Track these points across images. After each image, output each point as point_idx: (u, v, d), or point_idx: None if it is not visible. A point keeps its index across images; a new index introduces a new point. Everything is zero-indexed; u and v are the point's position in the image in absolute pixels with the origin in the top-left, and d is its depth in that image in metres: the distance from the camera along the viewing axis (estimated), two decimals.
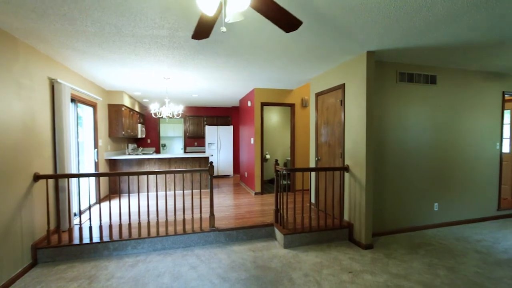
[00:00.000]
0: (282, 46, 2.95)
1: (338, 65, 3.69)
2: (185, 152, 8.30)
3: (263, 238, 3.49)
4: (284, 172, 3.45)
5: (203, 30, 1.87)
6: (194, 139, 8.49)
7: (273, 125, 7.15)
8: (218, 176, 7.92)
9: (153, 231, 3.24)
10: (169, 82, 4.65)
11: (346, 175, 3.56)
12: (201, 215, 3.34)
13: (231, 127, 7.98)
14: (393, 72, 3.64)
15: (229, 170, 8.00)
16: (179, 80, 4.52)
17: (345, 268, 2.71)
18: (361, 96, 3.25)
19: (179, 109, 4.63)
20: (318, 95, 4.29)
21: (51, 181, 3.21)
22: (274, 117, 7.19)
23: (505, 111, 4.47)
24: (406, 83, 3.71)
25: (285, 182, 6.51)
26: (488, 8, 2.09)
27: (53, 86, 3.28)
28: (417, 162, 3.81)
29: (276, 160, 3.63)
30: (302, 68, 3.90)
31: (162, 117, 5.65)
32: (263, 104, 5.43)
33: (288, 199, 3.58)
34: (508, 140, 5.18)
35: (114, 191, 5.48)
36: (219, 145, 7.88)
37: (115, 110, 5.57)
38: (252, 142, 5.59)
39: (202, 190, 5.30)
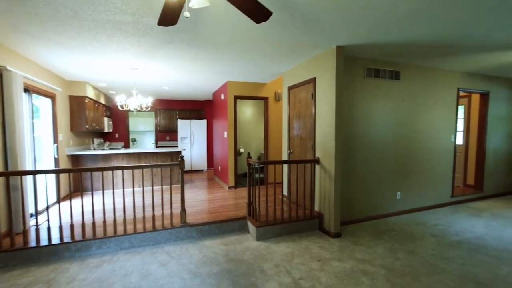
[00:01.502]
0: (255, 38, 2.92)
1: (309, 58, 3.75)
2: (156, 146, 8.00)
3: (236, 232, 3.50)
4: (257, 166, 3.45)
5: (169, 16, 1.78)
6: (166, 133, 8.21)
7: (246, 119, 7.13)
8: (192, 171, 7.76)
9: (120, 229, 3.09)
10: (137, 73, 4.41)
11: (317, 167, 3.65)
12: (171, 211, 3.26)
13: (204, 121, 7.83)
14: (361, 67, 3.77)
15: (203, 165, 7.88)
16: (147, 70, 4.31)
17: (314, 257, 2.81)
18: (331, 90, 3.33)
19: (148, 101, 4.42)
20: (290, 88, 4.33)
21: (1, 180, 2.92)
22: (247, 111, 7.17)
23: (459, 107, 4.86)
24: (373, 78, 3.87)
25: (258, 176, 6.57)
26: (442, 12, 2.23)
27: (1, 74, 2.96)
28: (382, 154, 4.02)
29: (249, 154, 3.63)
30: (275, 62, 3.90)
31: (130, 110, 5.35)
32: (236, 98, 5.37)
33: (261, 192, 3.60)
34: (461, 133, 5.65)
35: (77, 189, 5.13)
36: (192, 139, 7.70)
37: (77, 102, 5.18)
38: (225, 135, 5.53)
39: (173, 186, 5.15)
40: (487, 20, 2.46)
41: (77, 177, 5.13)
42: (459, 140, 5.55)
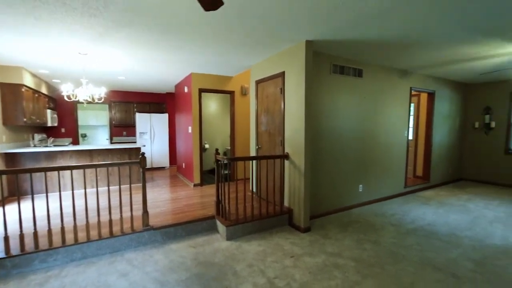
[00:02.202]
0: (222, 28, 2.73)
1: (278, 52, 3.68)
2: (111, 142, 7.30)
3: (204, 232, 3.32)
4: (226, 162, 3.30)
5: None
6: (123, 128, 7.53)
7: (211, 113, 6.88)
8: (153, 169, 7.26)
9: (69, 237, 2.70)
10: (87, 59, 3.88)
11: (286, 162, 3.64)
12: (132, 214, 2.95)
13: (165, 115, 7.35)
14: (327, 63, 3.82)
15: (165, 162, 7.42)
16: (100, 57, 3.82)
17: (287, 253, 2.78)
18: (300, 85, 3.31)
19: (101, 91, 3.93)
20: (258, 82, 4.23)
21: None
22: (212, 105, 6.92)
23: (411, 104, 5.28)
24: (338, 75, 3.96)
25: (225, 172, 6.40)
26: (406, 11, 2.32)
27: None
28: (346, 148, 4.17)
29: (217, 150, 3.45)
30: (243, 54, 3.76)
31: (79, 101, 4.72)
32: (201, 91, 5.11)
33: (229, 189, 3.45)
34: (411, 128, 6.18)
35: (13, 193, 4.41)
36: (152, 134, 7.18)
37: (11, 91, 4.41)
38: (190, 131, 5.23)
39: (132, 185, 4.68)
40: (446, 20, 2.64)
41: (12, 179, 4.39)
42: (410, 135, 6.06)
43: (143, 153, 2.97)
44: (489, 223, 3.68)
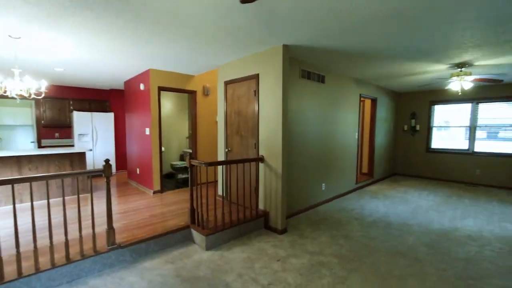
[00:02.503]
0: (198, 22, 2.53)
1: (252, 54, 3.63)
2: (40, 146, 6.06)
3: (179, 245, 3.04)
4: (203, 165, 3.09)
5: None
6: (55, 128, 6.34)
7: (166, 114, 6.38)
8: (96, 175, 6.32)
9: (9, 271, 2.12)
10: (20, 45, 3.13)
11: (261, 165, 3.61)
12: (94, 231, 2.49)
13: (111, 115, 6.50)
14: (297, 68, 3.95)
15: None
16: (39, 43, 3.12)
17: (272, 257, 2.76)
18: (277, 88, 3.34)
19: (42, 85, 3.16)
20: (228, 83, 4.10)
21: None
22: (167, 105, 6.42)
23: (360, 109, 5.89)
24: (305, 80, 4.13)
25: (183, 176, 6.03)
26: (372, 28, 2.57)
27: None
28: (311, 150, 4.38)
29: (190, 154, 3.21)
30: (213, 53, 3.57)
31: (9, 96, 3.74)
32: (160, 89, 4.68)
33: (201, 195, 3.24)
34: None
35: None
36: (95, 136, 6.25)
37: None
38: (148, 132, 4.74)
39: (81, 196, 3.93)
40: (401, 39, 3.01)
41: None
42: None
43: (108, 160, 2.54)
44: (426, 211, 4.36)
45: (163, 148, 6.10)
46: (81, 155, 4.49)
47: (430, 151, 7.11)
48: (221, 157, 4.36)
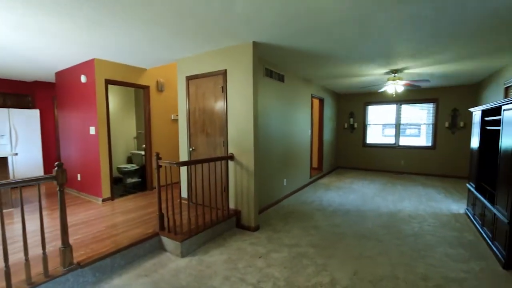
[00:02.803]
0: (162, 7, 2.30)
1: (219, 49, 3.51)
2: None
3: (149, 255, 2.73)
4: (175, 165, 2.84)
5: None
6: None
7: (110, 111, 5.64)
8: (16, 185, 5.14)
9: None
10: None
11: (231, 163, 3.53)
12: (44, 251, 2.03)
13: (35, 112, 5.39)
14: (261, 66, 4.00)
15: (37, 174, 5.42)
16: None
17: (253, 255, 2.73)
18: (247, 84, 3.31)
19: None
20: (190, 79, 3.87)
21: None
22: (110, 101, 5.67)
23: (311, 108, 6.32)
24: (268, 78, 4.21)
25: (132, 181, 5.46)
26: (335, 31, 2.80)
27: None
28: (274, 147, 4.50)
29: (158, 154, 2.91)
30: (176, 44, 3.31)
31: None
32: (108, 82, 4.11)
33: (152, 199, 2.99)
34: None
35: None
36: (14, 137, 5.08)
37: None
38: (93, 132, 4.09)
39: (7, 211, 3.09)
40: (357, 45, 3.35)
41: None
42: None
43: (60, 164, 2.10)
44: (372, 198, 4.96)
45: None
46: (1, 161, 3.59)
47: (365, 146, 8.11)
48: (183, 157, 4.08)
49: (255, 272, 2.40)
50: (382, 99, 7.67)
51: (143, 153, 5.40)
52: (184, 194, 4.07)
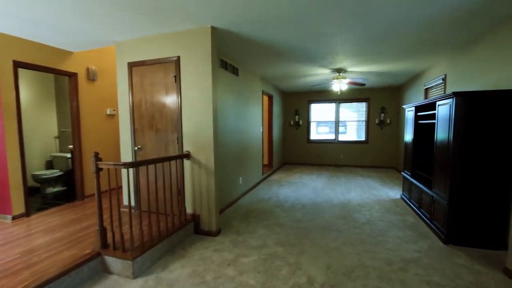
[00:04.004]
0: None
1: (170, 32, 3.06)
2: None
3: (88, 282, 2.16)
4: (122, 167, 2.33)
5: None
6: None
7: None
8: None
9: None
10: None
11: (187, 162, 3.15)
12: None
13: None
14: (216, 56, 3.69)
15: None
16: None
17: (221, 263, 2.45)
18: (205, 74, 2.98)
19: None
20: (134, 65, 3.30)
21: None
22: (21, 91, 4.49)
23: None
24: (223, 70, 3.94)
25: (54, 190, 4.48)
26: (303, 21, 2.77)
27: None
28: (230, 144, 4.26)
29: (97, 154, 2.34)
30: (112, 20, 2.72)
31: None
32: (17, 65, 3.18)
33: (88, 209, 2.47)
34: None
35: None
36: None
37: None
38: None
39: None
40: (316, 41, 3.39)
41: None
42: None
43: None
44: (322, 190, 5.20)
45: None
46: None
47: (310, 142, 8.55)
48: (126, 157, 3.47)
49: (227, 283, 2.14)
50: (324, 97, 8.19)
51: (69, 155, 4.46)
52: (131, 201, 3.47)
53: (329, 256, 2.58)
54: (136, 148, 3.38)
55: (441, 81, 4.47)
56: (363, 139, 8.03)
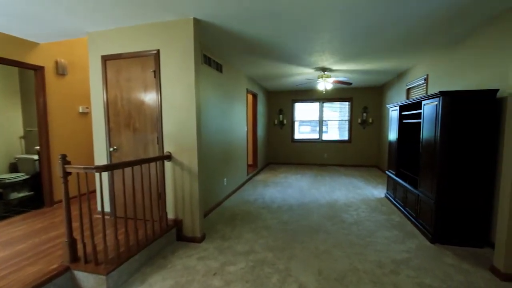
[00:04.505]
0: None
1: (148, 23, 2.83)
2: None
3: None
4: (93, 171, 2.09)
5: None
6: None
7: None
8: None
9: None
10: None
11: (168, 164, 2.93)
12: None
13: None
14: (199, 51, 3.49)
15: None
16: None
17: (206, 273, 2.28)
18: (187, 69, 2.78)
19: None
20: (108, 59, 3.03)
21: None
22: None
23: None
24: (207, 66, 3.75)
25: (19, 195, 4.08)
26: (290, 15, 2.66)
27: None
28: (215, 144, 4.07)
29: (64, 156, 2.09)
30: (84, 9, 2.48)
31: None
32: None
33: (56, 217, 2.23)
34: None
35: None
36: None
37: None
38: None
39: None
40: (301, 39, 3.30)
41: None
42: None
43: None
44: (308, 190, 5.14)
45: None
46: None
47: (294, 141, 8.51)
48: (101, 159, 3.19)
49: None
50: (308, 97, 8.18)
51: (36, 157, 4.07)
52: (106, 207, 3.20)
53: (320, 260, 2.49)
54: (111, 149, 3.11)
55: (423, 81, 4.54)
56: (346, 138, 8.11)
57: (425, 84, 4.49)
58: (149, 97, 2.92)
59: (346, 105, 8.07)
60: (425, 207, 3.04)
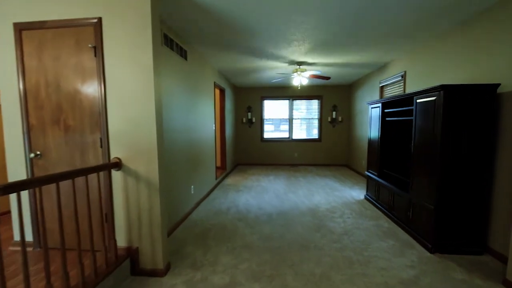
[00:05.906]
0: None
1: None
2: None
3: None
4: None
5: None
6: None
7: None
8: None
9: None
10: None
11: (117, 174, 2.18)
12: None
13: None
14: (159, 30, 2.77)
15: None
16: None
17: None
18: (143, 47, 2.07)
19: None
20: (25, 28, 2.15)
21: None
22: None
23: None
24: (168, 49, 3.04)
25: None
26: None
27: None
28: (179, 145, 3.38)
29: None
30: None
31: None
32: None
33: None
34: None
35: None
36: None
37: None
38: None
39: None
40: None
41: None
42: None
43: None
44: (285, 194, 4.70)
45: None
46: None
47: (263, 140, 8.06)
48: (16, 169, 2.28)
49: None
50: (278, 94, 7.80)
51: None
52: (28, 235, 2.29)
53: (316, 283, 2.01)
54: (32, 155, 2.23)
55: (400, 78, 4.41)
56: (317, 137, 7.92)
57: (402, 81, 4.36)
58: (88, 84, 2.14)
59: (315, 103, 7.87)
60: (419, 212, 2.78)
